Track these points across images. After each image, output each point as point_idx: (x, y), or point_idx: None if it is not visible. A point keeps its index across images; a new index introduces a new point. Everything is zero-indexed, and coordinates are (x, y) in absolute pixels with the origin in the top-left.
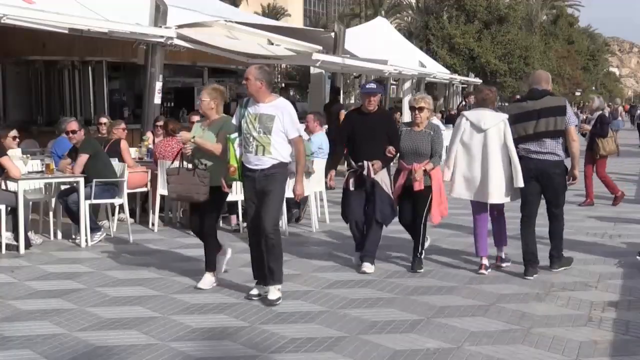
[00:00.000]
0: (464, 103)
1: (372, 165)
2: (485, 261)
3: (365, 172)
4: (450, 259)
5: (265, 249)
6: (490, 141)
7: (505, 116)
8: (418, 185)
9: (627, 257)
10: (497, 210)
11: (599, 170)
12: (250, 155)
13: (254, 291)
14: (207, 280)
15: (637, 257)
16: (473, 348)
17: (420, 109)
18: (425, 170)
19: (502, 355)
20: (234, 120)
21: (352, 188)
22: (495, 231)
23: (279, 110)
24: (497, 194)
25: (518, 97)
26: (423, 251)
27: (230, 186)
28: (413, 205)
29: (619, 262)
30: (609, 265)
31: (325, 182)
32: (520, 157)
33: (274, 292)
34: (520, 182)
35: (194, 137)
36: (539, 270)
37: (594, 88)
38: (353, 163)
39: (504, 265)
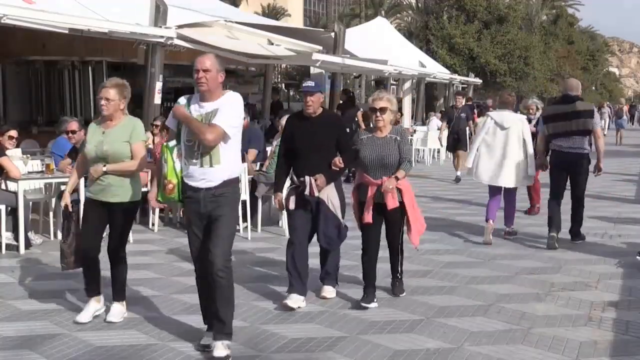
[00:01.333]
0: (453, 104)
1: (315, 180)
2: (491, 222)
3: (307, 190)
4: (450, 259)
5: (213, 291)
6: (510, 137)
7: (524, 117)
8: (392, 202)
9: (627, 257)
10: (510, 195)
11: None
12: (194, 168)
13: (206, 340)
14: (118, 310)
15: (637, 257)
16: (473, 348)
17: (382, 110)
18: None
19: (502, 355)
20: (169, 124)
21: (291, 207)
22: (506, 210)
23: (224, 102)
24: (512, 180)
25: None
26: (403, 271)
27: (161, 204)
28: (387, 226)
29: (619, 262)
30: (609, 265)
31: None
32: (553, 151)
33: (221, 348)
34: (533, 170)
35: (104, 165)
36: (538, 270)
37: (594, 88)
38: (295, 178)
39: (511, 237)
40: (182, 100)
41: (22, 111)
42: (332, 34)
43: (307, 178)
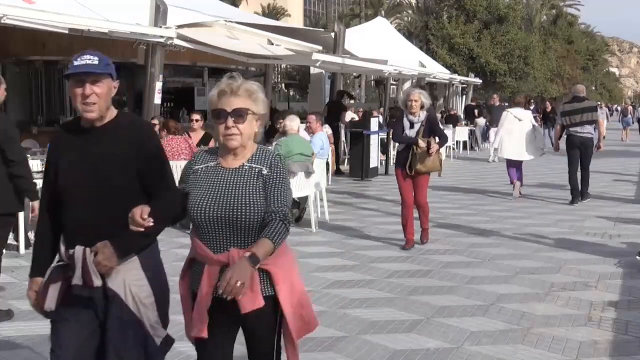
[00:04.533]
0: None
1: (94, 254)
2: (517, 182)
3: (76, 276)
4: (451, 258)
5: None
6: (525, 126)
7: (530, 112)
8: (250, 301)
9: (627, 257)
10: (519, 166)
11: (421, 194)
12: None
13: None
14: None
15: (637, 257)
16: (473, 348)
17: (237, 115)
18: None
19: (502, 355)
20: None
21: (49, 306)
22: (519, 175)
23: None
24: (526, 155)
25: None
26: None
27: None
28: (247, 341)
29: (619, 262)
30: (609, 265)
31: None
32: (569, 135)
33: None
34: (540, 145)
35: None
36: (538, 270)
37: (593, 88)
38: (62, 249)
39: (521, 191)
40: None
41: (22, 111)
42: (332, 34)
43: (78, 250)
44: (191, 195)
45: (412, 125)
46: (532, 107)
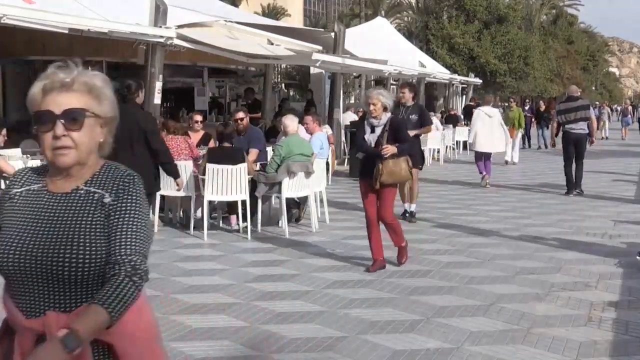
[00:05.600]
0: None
1: None
2: (486, 174)
3: None
4: (451, 258)
5: None
6: (494, 122)
7: (497, 110)
8: None
9: (627, 257)
10: (488, 159)
11: (385, 209)
12: None
13: None
14: None
15: (637, 257)
16: (473, 348)
17: (72, 118)
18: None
19: (502, 355)
20: None
21: None
22: (488, 167)
23: None
24: (496, 148)
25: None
26: None
27: None
28: None
29: (618, 262)
30: (609, 265)
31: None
32: (565, 132)
33: None
34: (508, 140)
35: None
36: (538, 270)
37: (593, 88)
38: None
39: (488, 180)
40: None
41: (22, 111)
42: (332, 34)
43: None
44: (2, 231)
45: (373, 130)
46: (527, 107)
